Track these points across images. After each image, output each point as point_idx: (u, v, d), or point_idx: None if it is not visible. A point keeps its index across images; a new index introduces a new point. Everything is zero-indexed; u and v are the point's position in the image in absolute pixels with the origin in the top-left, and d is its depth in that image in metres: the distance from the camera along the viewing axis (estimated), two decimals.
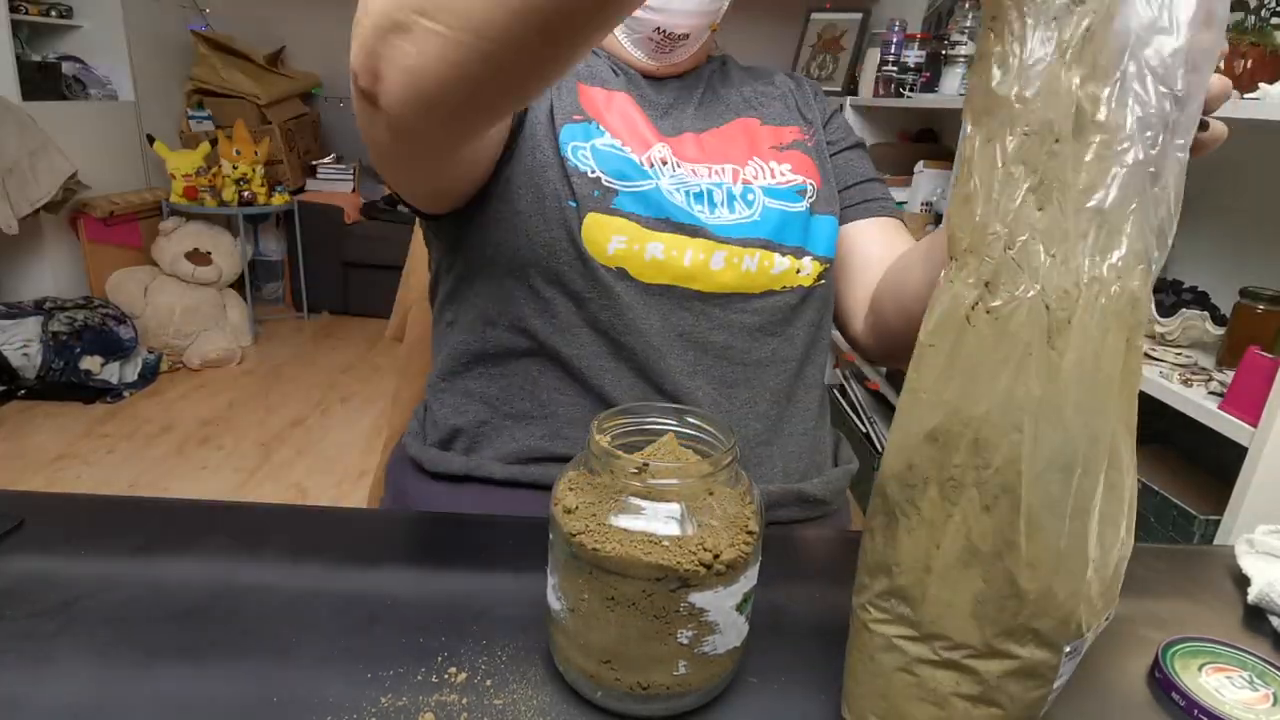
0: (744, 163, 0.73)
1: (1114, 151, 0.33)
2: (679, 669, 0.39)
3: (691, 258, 0.66)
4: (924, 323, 0.37)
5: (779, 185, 0.72)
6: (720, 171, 0.71)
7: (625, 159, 0.67)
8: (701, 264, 0.66)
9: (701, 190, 0.69)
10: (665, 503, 0.38)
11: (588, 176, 0.65)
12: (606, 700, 0.41)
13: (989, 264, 0.34)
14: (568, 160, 0.65)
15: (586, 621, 0.39)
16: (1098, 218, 0.34)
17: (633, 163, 0.67)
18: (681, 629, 0.38)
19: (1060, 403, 0.34)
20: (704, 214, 0.68)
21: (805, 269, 0.71)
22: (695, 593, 0.38)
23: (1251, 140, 1.42)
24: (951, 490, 0.35)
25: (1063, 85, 0.34)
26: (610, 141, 0.68)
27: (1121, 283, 0.34)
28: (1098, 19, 0.33)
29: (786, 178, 0.73)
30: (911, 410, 0.37)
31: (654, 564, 0.37)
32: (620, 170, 0.66)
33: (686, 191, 0.68)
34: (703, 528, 0.38)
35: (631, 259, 0.65)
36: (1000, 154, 0.35)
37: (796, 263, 0.70)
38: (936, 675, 0.37)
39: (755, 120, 0.77)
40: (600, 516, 0.38)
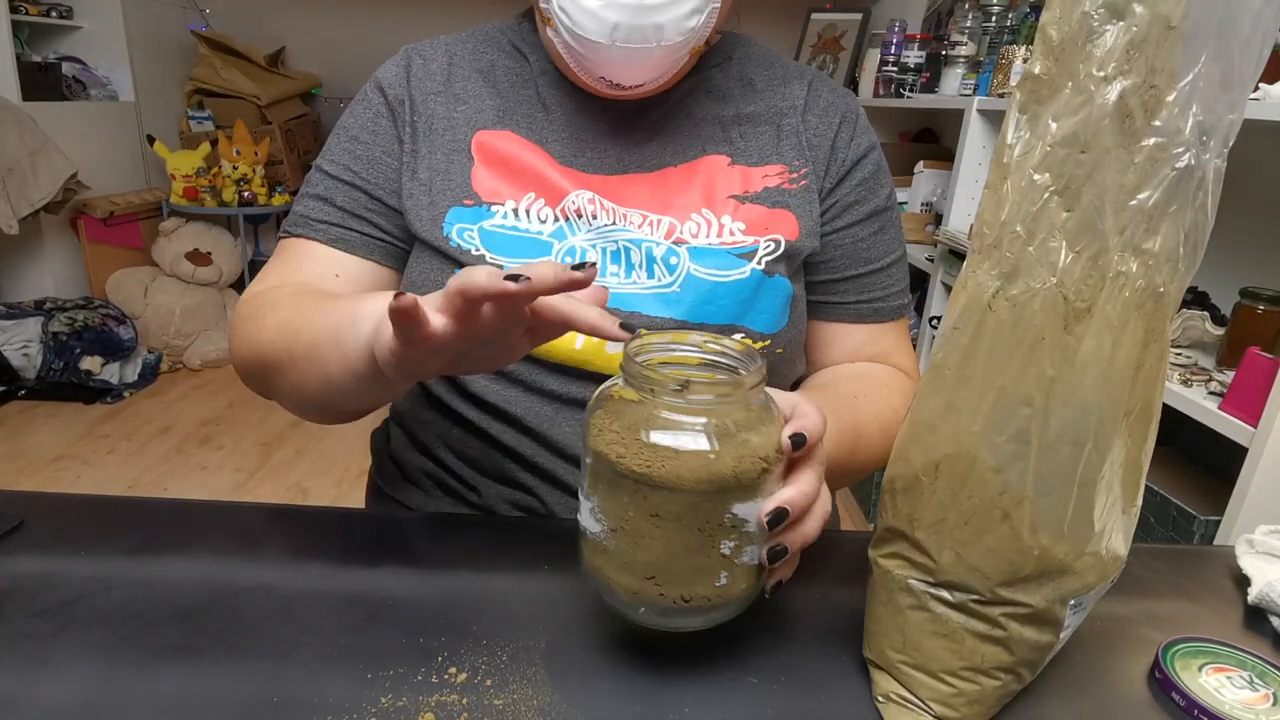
0: (687, 215, 0.63)
1: (1170, 155, 0.35)
2: (720, 579, 0.41)
3: (584, 341, 0.61)
4: (949, 310, 0.41)
5: (720, 245, 0.62)
6: (655, 224, 0.63)
7: (517, 239, 0.62)
8: (595, 347, 0.61)
9: (620, 249, 0.62)
10: (706, 418, 0.40)
11: (471, 254, 0.62)
12: (649, 616, 0.42)
13: (1009, 259, 0.38)
14: (450, 240, 0.62)
15: (632, 540, 0.40)
16: (1138, 216, 0.36)
17: (528, 242, 0.62)
18: (724, 540, 0.40)
19: (1076, 383, 0.37)
20: (611, 283, 0.62)
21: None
22: (738, 503, 0.39)
23: (1251, 140, 1.42)
24: (966, 453, 0.39)
25: (1097, 98, 0.35)
26: (499, 223, 0.63)
27: (1147, 278, 0.37)
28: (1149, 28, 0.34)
29: (735, 238, 0.63)
30: (936, 385, 0.41)
31: (702, 477, 0.38)
32: (509, 250, 0.62)
33: (603, 250, 0.62)
34: (741, 442, 0.39)
35: None
36: (1029, 161, 0.37)
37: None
38: (950, 614, 0.41)
39: (724, 159, 0.66)
40: (643, 436, 0.39)
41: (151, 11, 3.40)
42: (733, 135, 0.67)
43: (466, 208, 0.63)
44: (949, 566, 0.40)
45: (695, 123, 0.67)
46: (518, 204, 0.63)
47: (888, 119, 2.69)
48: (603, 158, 0.65)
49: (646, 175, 0.65)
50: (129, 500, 0.60)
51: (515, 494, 0.66)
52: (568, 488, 0.64)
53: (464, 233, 0.62)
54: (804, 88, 0.69)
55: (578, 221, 0.63)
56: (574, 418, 0.63)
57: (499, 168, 0.64)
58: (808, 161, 0.67)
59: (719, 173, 0.65)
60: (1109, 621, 0.52)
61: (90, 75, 3.18)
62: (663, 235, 0.63)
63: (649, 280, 0.62)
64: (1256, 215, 1.43)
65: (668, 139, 0.66)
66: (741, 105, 0.67)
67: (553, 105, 0.67)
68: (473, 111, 0.66)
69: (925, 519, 0.41)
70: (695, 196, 0.64)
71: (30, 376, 2.58)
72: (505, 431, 0.65)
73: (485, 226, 0.63)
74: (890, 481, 0.43)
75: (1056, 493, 0.38)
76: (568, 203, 0.63)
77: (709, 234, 0.63)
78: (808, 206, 0.66)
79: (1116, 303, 0.37)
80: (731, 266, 0.62)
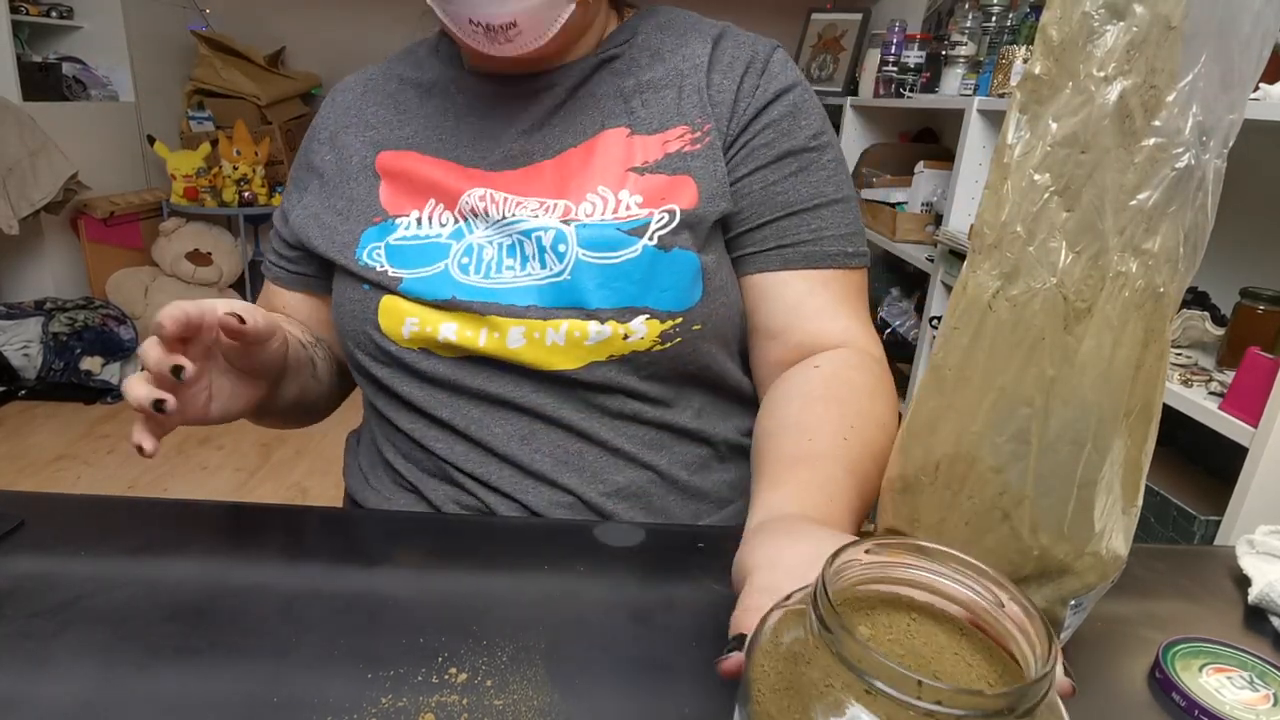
0: (583, 196, 0.61)
1: (1170, 155, 0.35)
2: None
3: (486, 337, 0.61)
4: (949, 310, 0.41)
5: (611, 221, 0.60)
6: (550, 208, 0.62)
7: (416, 247, 0.64)
8: (498, 343, 0.61)
9: (515, 243, 0.62)
10: None
11: (376, 270, 0.64)
12: None
13: (1009, 259, 0.38)
14: (360, 260, 0.65)
15: None
16: (1138, 216, 0.36)
17: (426, 248, 0.64)
18: None
19: (1076, 383, 0.37)
20: (507, 277, 0.61)
21: (637, 331, 0.59)
22: None
23: (1251, 140, 1.42)
24: (966, 453, 0.39)
25: (1097, 98, 0.35)
26: (402, 235, 0.65)
27: (1147, 278, 0.37)
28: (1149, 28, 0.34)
29: (630, 212, 0.60)
30: (936, 385, 0.40)
31: None
32: (409, 261, 0.64)
33: (499, 245, 0.63)
34: None
35: (427, 340, 0.63)
36: (1029, 162, 0.37)
37: (621, 327, 0.59)
38: None
39: (623, 130, 0.63)
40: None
41: (151, 11, 3.40)
42: (634, 105, 0.64)
43: (375, 225, 0.66)
44: None
45: (597, 100, 0.65)
46: (420, 212, 0.65)
47: (888, 119, 2.69)
48: (510, 153, 0.65)
49: (550, 161, 0.64)
50: (129, 500, 0.60)
51: (459, 494, 0.66)
52: (501, 490, 0.64)
53: (373, 252, 0.65)
54: (707, 44, 0.65)
55: (474, 220, 0.64)
56: (503, 417, 0.63)
57: (400, 182, 0.67)
58: (710, 118, 0.62)
59: (616, 146, 0.62)
60: (1109, 621, 0.52)
61: (90, 75, 3.18)
62: (557, 218, 0.61)
63: (541, 270, 0.60)
64: (1256, 215, 1.43)
65: (569, 122, 0.65)
66: (643, 74, 0.65)
67: (463, 110, 0.68)
68: (380, 136, 0.69)
69: (925, 519, 0.41)
70: (592, 175, 0.62)
71: (30, 376, 2.58)
72: (437, 437, 0.65)
73: (390, 241, 0.65)
74: (890, 481, 0.43)
75: (1056, 493, 0.38)
76: (463, 203, 0.64)
77: (604, 212, 0.60)
78: (711, 166, 0.61)
79: (1116, 303, 0.37)
80: (621, 245, 0.59)
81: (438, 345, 0.63)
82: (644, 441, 0.64)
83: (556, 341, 0.60)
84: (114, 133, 3.24)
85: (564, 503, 0.63)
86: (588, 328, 0.59)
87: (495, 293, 0.61)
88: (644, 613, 0.49)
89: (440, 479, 0.67)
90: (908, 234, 2.26)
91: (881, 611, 0.30)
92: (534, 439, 0.63)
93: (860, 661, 0.24)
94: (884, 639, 0.29)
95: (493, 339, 0.61)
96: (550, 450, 0.63)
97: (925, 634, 0.29)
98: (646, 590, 0.51)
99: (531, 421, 0.63)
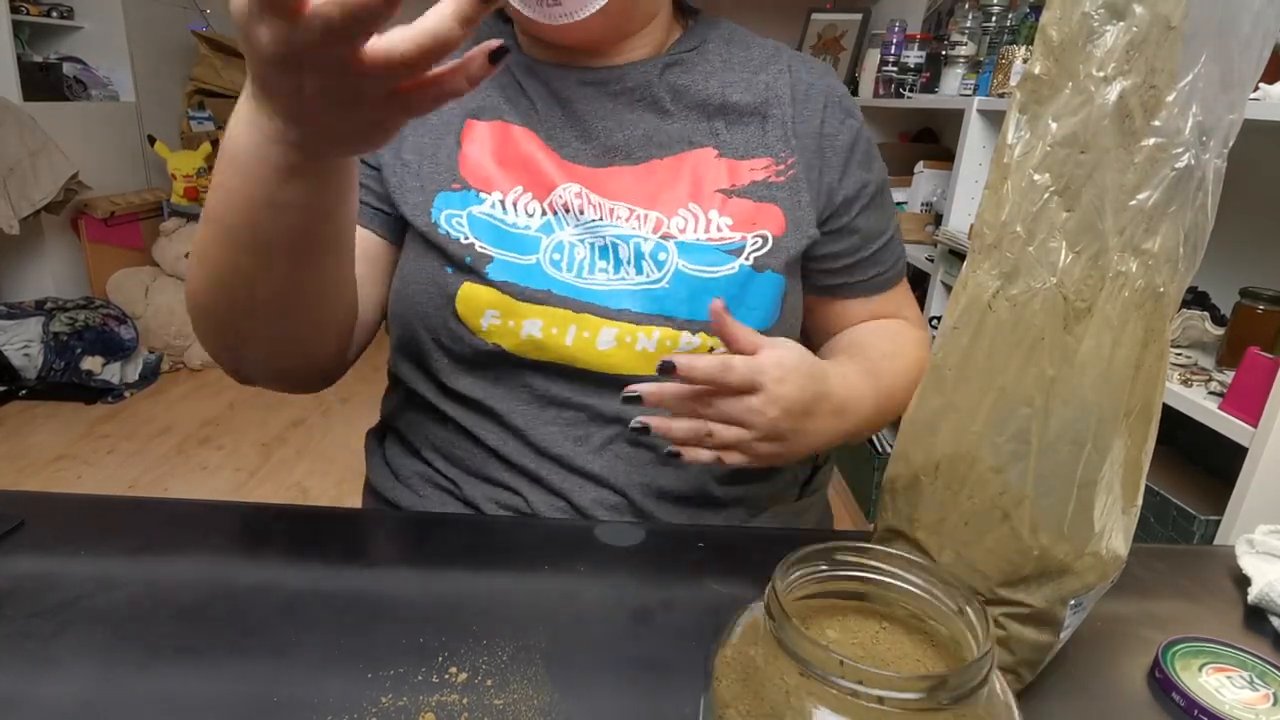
0: (674, 211, 0.62)
1: (1169, 155, 0.35)
2: None
3: (575, 336, 0.60)
4: (949, 309, 0.41)
5: (707, 242, 0.61)
6: (642, 219, 0.62)
7: (506, 233, 0.62)
8: (586, 343, 0.60)
9: (608, 244, 0.61)
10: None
11: (460, 243, 0.61)
12: None
13: (1009, 259, 0.38)
14: (439, 227, 0.62)
15: None
16: (1138, 216, 0.36)
17: (516, 237, 0.62)
18: None
19: (1075, 383, 0.37)
20: (600, 279, 0.61)
21: (723, 346, 0.61)
22: None
23: (1251, 140, 1.42)
24: (966, 453, 0.39)
25: (1097, 98, 0.35)
26: (488, 211, 0.62)
27: (1147, 278, 0.37)
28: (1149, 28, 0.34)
29: (722, 234, 0.62)
30: (936, 384, 0.41)
31: None
32: (499, 241, 0.61)
33: (591, 245, 0.62)
34: None
35: (506, 335, 0.61)
36: (1029, 162, 0.37)
37: (710, 339, 0.61)
38: None
39: (712, 152, 0.64)
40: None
41: (152, 11, 3.40)
42: (718, 127, 0.65)
43: (454, 192, 0.63)
44: (949, 566, 0.40)
45: (679, 108, 0.65)
46: (504, 196, 0.63)
47: (888, 119, 2.69)
48: (587, 148, 0.64)
49: (633, 168, 0.64)
50: (129, 500, 0.60)
51: (500, 493, 0.65)
52: (551, 488, 0.64)
53: (452, 219, 0.62)
54: (785, 72, 0.67)
55: (565, 216, 0.62)
56: (557, 416, 0.63)
57: (488, 156, 0.64)
58: (794, 151, 0.65)
59: (706, 166, 0.64)
60: (1109, 621, 0.52)
61: (91, 75, 3.18)
62: (650, 230, 0.62)
63: (637, 276, 0.61)
64: (1256, 215, 1.43)
65: (653, 131, 0.65)
66: (726, 92, 0.66)
67: (533, 95, 0.66)
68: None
69: (925, 519, 0.41)
70: (682, 191, 0.63)
71: (31, 376, 2.58)
72: (488, 431, 0.64)
73: (474, 212, 0.62)
74: (890, 481, 0.43)
75: (1056, 493, 0.38)
76: (555, 196, 0.62)
77: (696, 229, 0.62)
78: (794, 199, 0.64)
79: (1116, 303, 0.37)
80: (720, 263, 0.61)
81: (517, 341, 0.61)
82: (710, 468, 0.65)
83: (647, 347, 0.60)
84: (114, 133, 3.24)
85: (610, 503, 0.63)
86: (679, 337, 0.61)
87: (591, 293, 0.61)
88: (644, 613, 0.49)
89: (481, 478, 0.66)
90: (908, 234, 2.26)
91: (853, 618, 0.32)
92: (588, 440, 0.63)
93: (794, 645, 0.26)
94: (848, 642, 0.31)
95: (581, 338, 0.60)
96: (602, 450, 0.63)
97: (892, 641, 0.31)
98: (646, 590, 0.51)
99: (587, 421, 0.63)
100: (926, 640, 0.31)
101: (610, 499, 0.63)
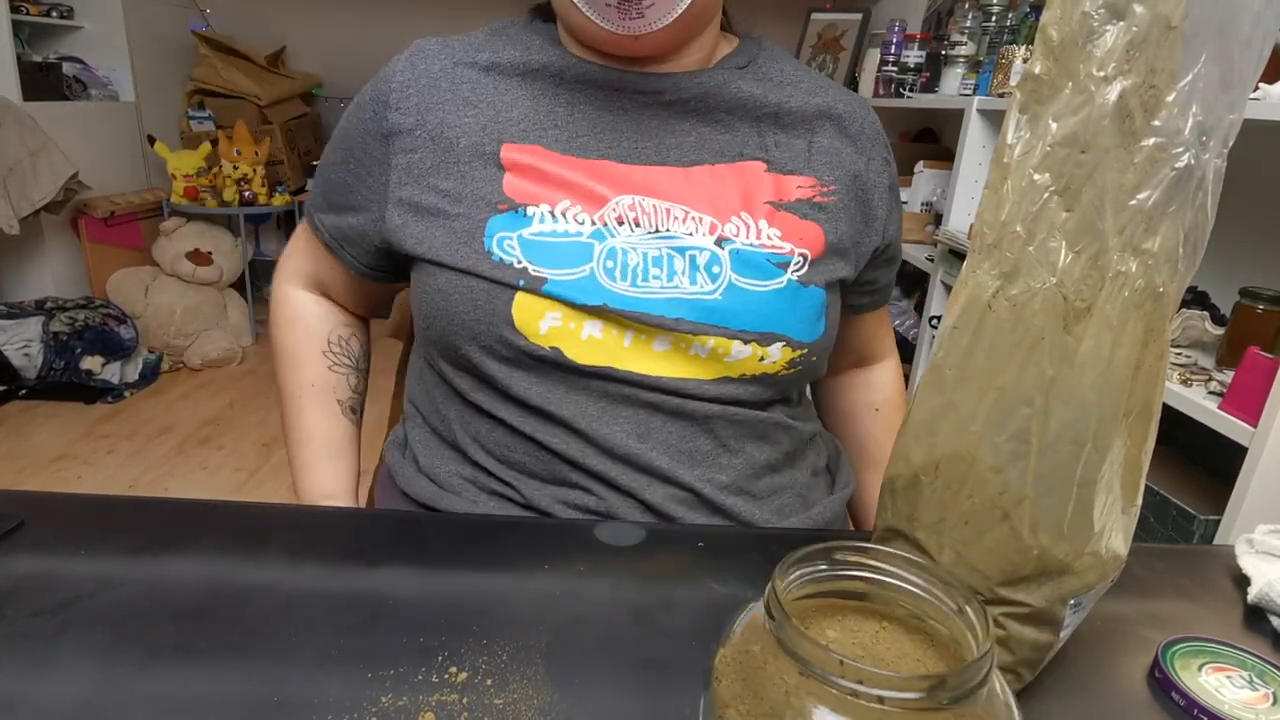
0: (728, 217, 0.63)
1: (1169, 155, 0.35)
2: None
3: (632, 339, 0.62)
4: (949, 309, 0.41)
5: (758, 250, 0.63)
6: (696, 221, 0.63)
7: (557, 245, 0.61)
8: (643, 345, 0.62)
9: (662, 254, 0.62)
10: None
11: (514, 267, 0.60)
12: None
13: (1009, 259, 0.38)
14: (492, 254, 0.61)
15: None
16: (1138, 216, 0.36)
17: (567, 247, 0.61)
18: None
19: (1075, 383, 0.37)
20: (654, 286, 0.61)
21: (772, 356, 0.63)
22: None
23: (1251, 140, 1.42)
24: (966, 453, 0.39)
25: (1097, 98, 0.35)
26: (539, 230, 0.61)
27: (1147, 278, 0.37)
28: (1149, 28, 0.34)
29: (772, 243, 0.63)
30: (936, 384, 0.41)
31: None
32: (551, 259, 0.61)
33: (645, 254, 0.62)
34: None
35: (567, 336, 0.61)
36: (1029, 161, 0.37)
37: (761, 350, 0.62)
38: None
39: (760, 165, 0.66)
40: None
41: (152, 11, 3.40)
42: (768, 142, 0.66)
43: (501, 214, 0.62)
44: (949, 566, 0.40)
45: (732, 120, 0.66)
46: (552, 207, 0.62)
47: (888, 119, 2.68)
48: (637, 149, 0.64)
49: (684, 170, 0.64)
50: (129, 500, 0.60)
51: (570, 493, 0.64)
52: (621, 488, 0.63)
53: (504, 243, 0.61)
54: (828, 95, 0.70)
55: (618, 228, 0.62)
56: (621, 414, 0.63)
57: (530, 176, 0.63)
58: (836, 179, 0.67)
59: (755, 178, 0.65)
60: (1109, 621, 0.52)
61: (91, 75, 3.18)
62: (706, 232, 0.63)
63: (691, 286, 0.62)
64: (1256, 215, 1.43)
65: (702, 136, 0.65)
66: (780, 108, 0.67)
67: (579, 100, 0.65)
68: (487, 118, 0.64)
69: (925, 519, 0.41)
70: (734, 199, 0.64)
71: (31, 376, 2.58)
72: (551, 434, 0.63)
73: (525, 235, 0.61)
74: (890, 481, 0.43)
75: (1056, 492, 0.38)
76: (608, 211, 0.62)
77: (748, 237, 0.63)
78: (835, 222, 0.66)
79: (1116, 303, 0.37)
80: (770, 276, 0.63)
81: (577, 343, 0.61)
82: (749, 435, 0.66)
83: (699, 354, 0.62)
84: (114, 133, 3.24)
85: (680, 498, 0.64)
86: (731, 346, 0.62)
87: (646, 303, 0.61)
88: (644, 613, 0.49)
89: (546, 479, 0.65)
90: (908, 234, 2.26)
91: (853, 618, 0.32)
92: (650, 436, 0.64)
93: (794, 645, 0.26)
94: (848, 642, 0.31)
95: (639, 340, 0.62)
96: (666, 447, 0.64)
97: (891, 640, 0.31)
98: (646, 590, 0.51)
99: (649, 418, 0.63)
100: (926, 640, 0.31)
101: (679, 494, 0.64)
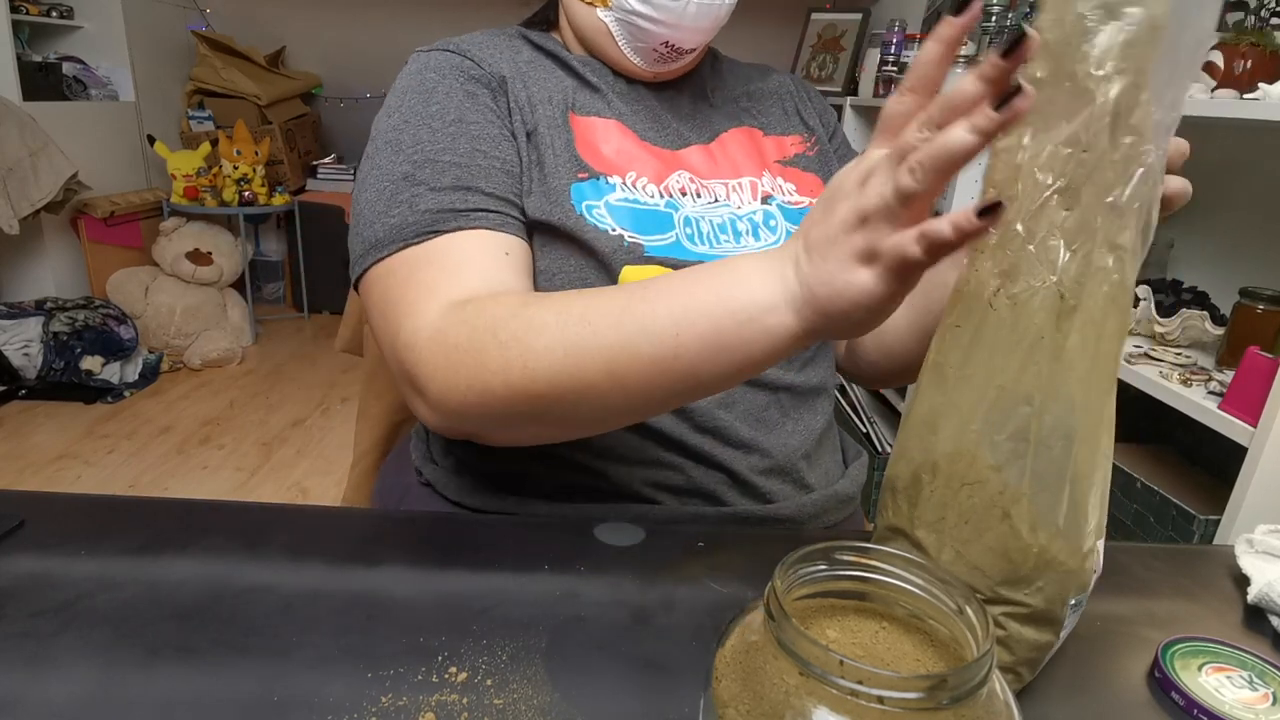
0: (759, 174, 0.69)
1: (1140, 152, 0.36)
2: None
3: None
4: (949, 307, 0.41)
5: (792, 205, 0.68)
6: (739, 188, 0.68)
7: (642, 211, 0.63)
8: None
9: (725, 221, 0.66)
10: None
11: (610, 234, 0.61)
12: None
13: (1009, 256, 0.38)
14: (585, 219, 0.61)
15: None
16: (1112, 212, 0.36)
17: (651, 214, 0.63)
18: None
19: (1064, 379, 0.37)
20: (728, 248, 0.65)
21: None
22: None
23: (1251, 140, 1.42)
24: (966, 452, 0.39)
25: (1097, 97, 0.35)
26: (623, 196, 0.63)
27: (1121, 272, 0.37)
28: (1141, 29, 0.35)
29: (795, 198, 0.69)
30: (936, 383, 0.41)
31: None
32: (640, 224, 0.63)
33: (712, 222, 0.65)
34: None
35: None
36: (1032, 160, 0.37)
37: None
38: None
39: (757, 130, 0.73)
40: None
41: (152, 11, 3.40)
42: (752, 111, 0.74)
43: (582, 182, 0.63)
44: (949, 565, 0.40)
45: (715, 104, 0.73)
46: (622, 178, 0.64)
47: None
48: (666, 133, 0.69)
49: (704, 146, 0.70)
50: (129, 500, 0.60)
51: (660, 473, 0.64)
52: (713, 462, 0.64)
53: (592, 209, 0.62)
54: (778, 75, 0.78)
55: (681, 199, 0.66)
56: None
57: (598, 147, 0.65)
58: (814, 130, 0.75)
59: (756, 140, 0.72)
60: (1109, 621, 0.52)
61: (90, 75, 3.18)
62: (749, 195, 0.68)
63: (757, 243, 0.66)
64: (1256, 215, 1.43)
65: (700, 118, 0.72)
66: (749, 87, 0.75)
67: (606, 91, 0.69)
68: (551, 88, 0.66)
69: (925, 517, 0.41)
70: (752, 161, 0.70)
71: (31, 376, 2.58)
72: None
73: (610, 201, 0.62)
74: (890, 480, 0.43)
75: (1051, 490, 0.38)
76: (671, 181, 0.66)
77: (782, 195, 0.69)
78: (825, 172, 0.72)
79: (1098, 298, 0.37)
80: None
81: None
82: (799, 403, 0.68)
83: None
84: (114, 133, 3.24)
85: (763, 467, 0.65)
86: None
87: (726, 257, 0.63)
88: (644, 613, 0.49)
89: (635, 461, 0.63)
90: None
91: (853, 618, 0.32)
92: (734, 405, 0.65)
93: (794, 645, 0.26)
94: (848, 642, 0.31)
95: None
96: (745, 416, 0.65)
97: (891, 640, 0.31)
98: (646, 590, 0.51)
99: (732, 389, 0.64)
100: (926, 640, 0.31)
101: (762, 463, 0.65)
